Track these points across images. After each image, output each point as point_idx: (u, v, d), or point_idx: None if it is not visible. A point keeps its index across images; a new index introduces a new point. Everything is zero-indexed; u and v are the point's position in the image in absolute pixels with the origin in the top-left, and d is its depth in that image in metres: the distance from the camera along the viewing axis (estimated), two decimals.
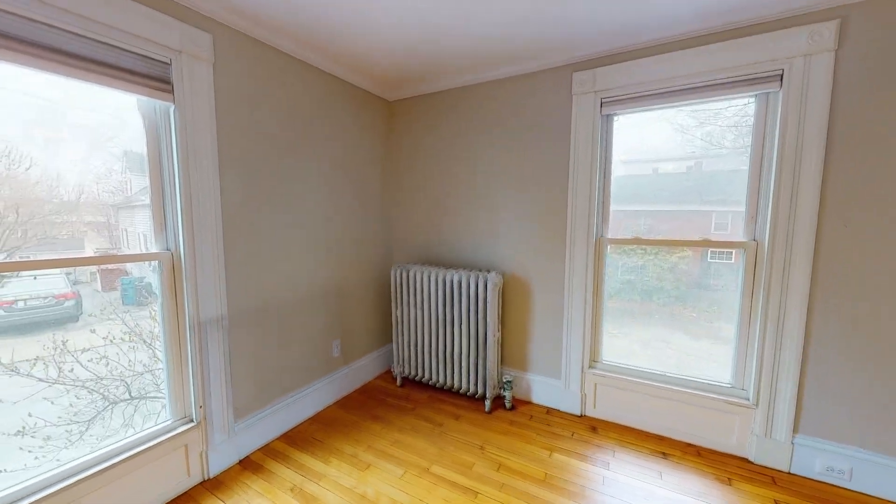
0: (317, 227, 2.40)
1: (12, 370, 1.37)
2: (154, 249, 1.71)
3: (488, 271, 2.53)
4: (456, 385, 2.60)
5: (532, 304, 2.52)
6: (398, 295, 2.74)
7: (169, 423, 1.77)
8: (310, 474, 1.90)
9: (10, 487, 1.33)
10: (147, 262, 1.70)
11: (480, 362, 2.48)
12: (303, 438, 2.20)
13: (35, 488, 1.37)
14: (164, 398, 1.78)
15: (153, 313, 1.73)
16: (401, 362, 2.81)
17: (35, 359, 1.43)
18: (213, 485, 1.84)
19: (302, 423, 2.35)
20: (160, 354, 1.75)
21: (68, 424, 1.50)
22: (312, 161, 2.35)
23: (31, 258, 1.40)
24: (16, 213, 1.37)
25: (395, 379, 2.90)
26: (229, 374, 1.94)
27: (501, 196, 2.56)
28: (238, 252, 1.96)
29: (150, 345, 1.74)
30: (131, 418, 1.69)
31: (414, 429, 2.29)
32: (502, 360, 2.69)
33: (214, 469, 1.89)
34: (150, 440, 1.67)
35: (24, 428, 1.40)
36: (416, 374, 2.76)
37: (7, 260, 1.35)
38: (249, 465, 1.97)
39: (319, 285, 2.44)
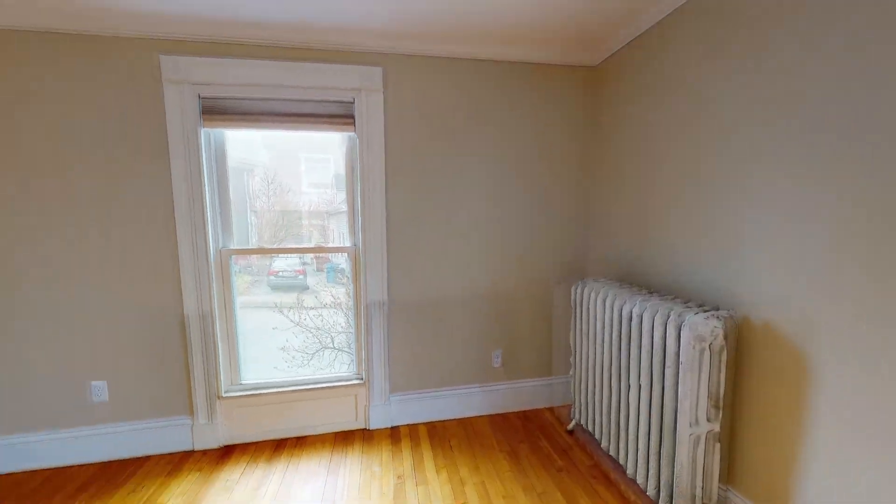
0: (480, 230, 2.28)
1: (279, 310, 2.30)
2: (347, 245, 2.26)
3: (706, 308, 1.40)
4: (629, 469, 1.68)
5: (813, 393, 1.17)
6: (575, 318, 2.11)
7: (351, 374, 2.32)
8: (419, 472, 1.91)
9: (271, 378, 2.26)
10: (342, 254, 2.30)
11: (665, 454, 1.46)
12: (440, 436, 2.21)
13: (281, 384, 2.24)
14: (353, 354, 2.34)
15: (348, 291, 2.31)
16: (576, 403, 2.15)
17: (290, 307, 2.31)
18: (367, 435, 2.24)
19: (448, 421, 2.36)
20: (351, 322, 2.32)
21: (302, 353, 2.33)
22: (479, 164, 2.23)
23: (284, 246, 2.27)
24: (282, 219, 2.27)
25: (569, 420, 2.25)
26: (387, 351, 2.27)
27: (758, 178, 1.33)
28: (400, 250, 2.21)
29: (345, 313, 2.34)
30: (334, 361, 2.37)
31: (540, 497, 1.71)
32: (727, 476, 1.44)
33: (372, 423, 2.29)
34: (338, 381, 2.27)
35: (284, 347, 2.32)
36: (588, 426, 2.02)
37: (277, 246, 2.27)
38: (395, 435, 2.23)
39: (482, 290, 2.32)
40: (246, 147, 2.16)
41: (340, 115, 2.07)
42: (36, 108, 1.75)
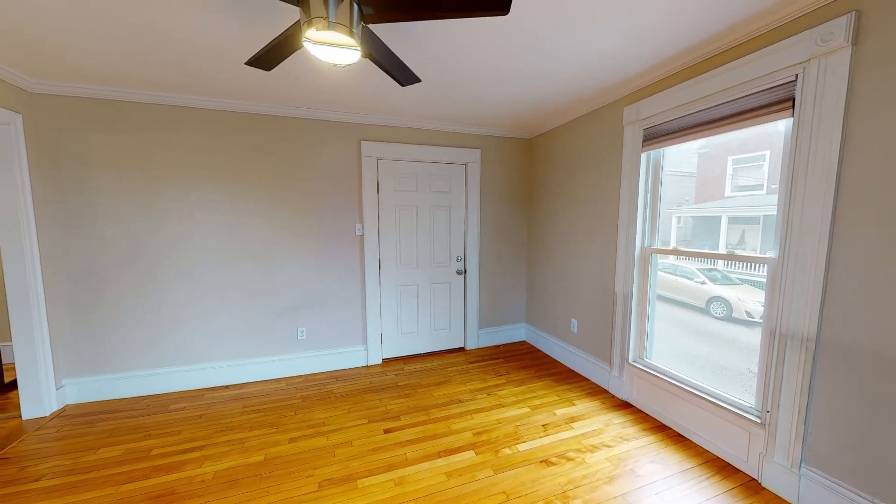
0: None
1: (694, 311, 2.44)
2: (767, 255, 1.92)
3: None
4: None
5: None
6: None
7: (748, 404, 1.98)
8: None
9: (669, 366, 2.36)
10: (759, 265, 1.98)
11: None
12: None
13: (674, 376, 2.28)
14: (753, 382, 1.89)
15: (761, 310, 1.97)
16: None
17: (699, 310, 2.38)
18: (755, 489, 1.78)
19: None
20: (757, 344, 1.85)
21: (698, 358, 2.30)
22: None
23: (699, 249, 2.34)
24: (701, 223, 2.36)
25: None
26: (805, 406, 1.64)
27: None
28: (854, 268, 1.48)
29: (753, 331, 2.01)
30: (731, 375, 2.13)
31: None
32: None
33: (766, 481, 1.78)
34: (729, 404, 1.96)
35: (686, 343, 2.44)
36: None
37: (692, 249, 2.39)
38: None
39: None
40: (680, 157, 2.40)
41: (772, 104, 1.77)
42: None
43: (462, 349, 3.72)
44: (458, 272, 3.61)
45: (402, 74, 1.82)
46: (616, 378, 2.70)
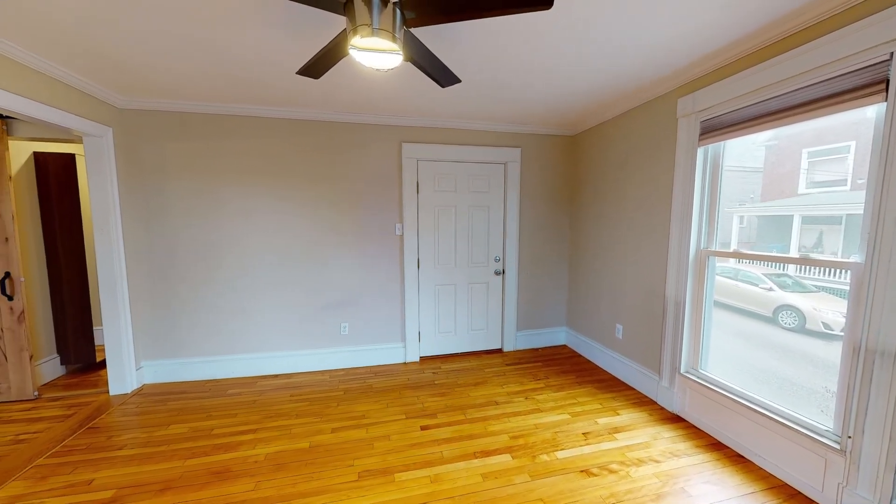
0: None
1: (761, 320, 2.23)
2: (851, 259, 1.69)
3: None
4: None
5: None
6: None
7: (824, 427, 1.73)
8: None
9: (727, 379, 2.15)
10: (842, 270, 1.75)
11: None
12: None
13: (733, 390, 2.09)
14: (831, 402, 1.67)
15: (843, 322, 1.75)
16: None
17: (766, 320, 2.17)
18: None
19: None
20: (837, 359, 1.64)
21: (764, 372, 2.08)
22: None
23: (766, 253, 2.12)
24: (769, 223, 2.15)
25: None
26: (892, 436, 1.44)
27: None
28: None
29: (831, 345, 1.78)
30: (801, 393, 1.90)
31: None
32: None
33: None
34: (801, 426, 1.75)
35: (749, 355, 2.23)
36: None
37: (758, 252, 2.16)
38: None
39: None
40: (743, 151, 2.19)
41: (860, 87, 1.56)
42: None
43: (499, 351, 3.67)
44: (497, 273, 3.56)
45: (443, 76, 1.83)
46: (665, 389, 2.52)
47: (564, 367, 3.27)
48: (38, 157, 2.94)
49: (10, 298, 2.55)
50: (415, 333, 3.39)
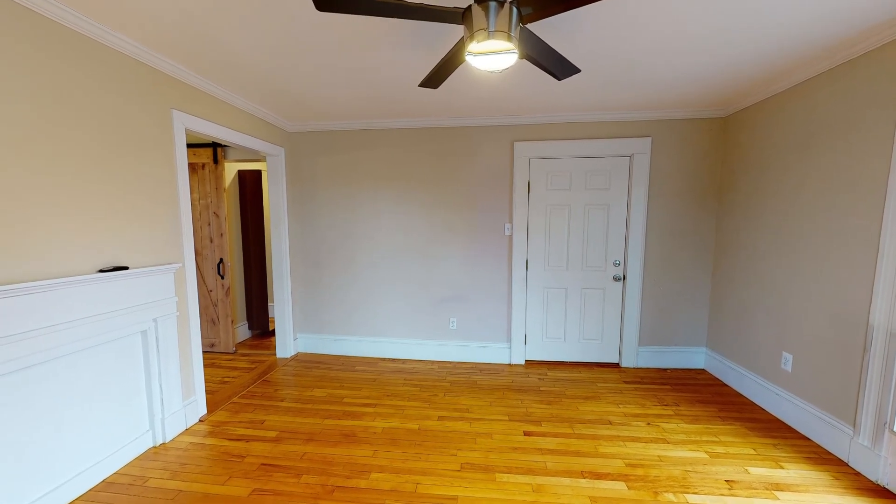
0: None
1: None
2: None
3: None
4: None
5: None
6: None
7: None
8: None
9: None
10: None
11: None
12: None
13: None
14: None
15: None
16: None
17: None
18: None
19: None
20: None
21: None
22: None
23: None
24: None
25: None
26: None
27: None
28: None
29: None
30: None
31: None
32: None
33: None
34: None
35: None
36: None
37: None
38: None
39: None
40: None
41: None
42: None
43: (615, 365, 3.30)
44: (616, 278, 3.21)
45: (559, 68, 1.73)
46: (864, 449, 1.86)
47: (702, 396, 2.73)
48: (241, 173, 3.94)
49: (223, 277, 3.49)
50: (521, 336, 3.32)
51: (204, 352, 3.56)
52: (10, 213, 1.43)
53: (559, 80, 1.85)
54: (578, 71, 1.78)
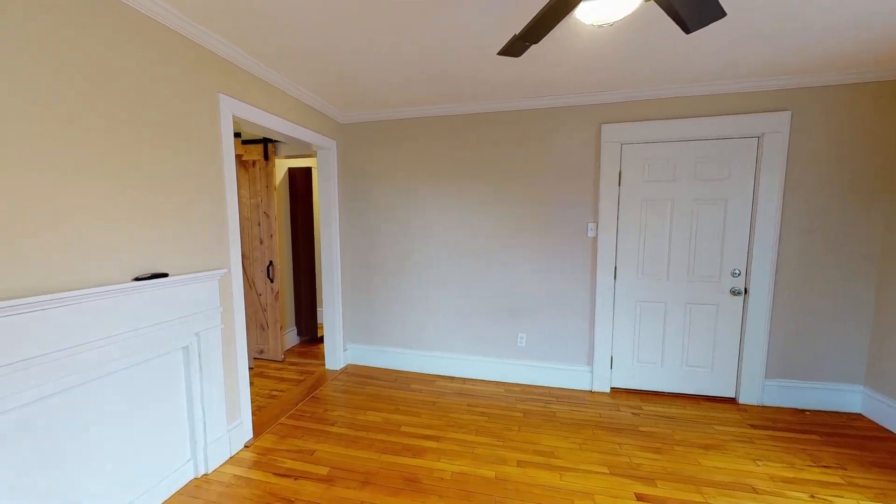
0: None
1: None
2: None
3: None
4: None
5: None
6: None
7: None
8: None
9: None
10: None
11: None
12: None
13: None
14: None
15: None
16: None
17: None
18: None
19: None
20: None
21: None
22: None
23: None
24: None
25: None
26: None
27: None
28: None
29: None
30: None
31: None
32: None
33: None
34: None
35: None
36: None
37: None
38: None
39: None
40: None
41: None
42: None
43: (731, 401, 2.62)
44: (734, 292, 2.53)
45: (697, 12, 1.20)
46: None
47: (875, 456, 2.02)
48: (291, 171, 3.73)
49: (272, 281, 3.27)
50: (605, 358, 2.75)
51: (253, 358, 3.36)
52: (30, 212, 1.16)
53: (688, 31, 1.31)
54: (723, 14, 1.23)
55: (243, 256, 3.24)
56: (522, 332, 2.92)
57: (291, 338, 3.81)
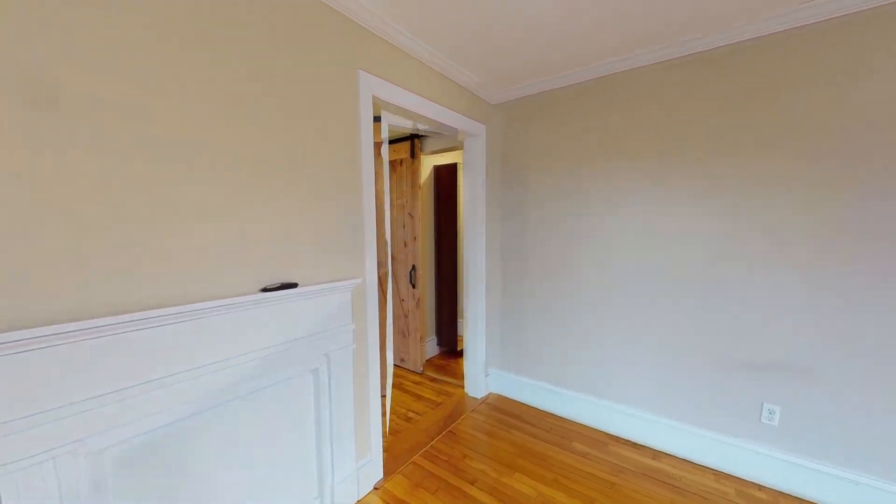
0: None
1: None
2: None
3: None
4: None
5: None
6: None
7: None
8: None
9: None
10: None
11: None
12: None
13: None
14: None
15: None
16: None
17: None
18: None
19: None
20: None
21: None
22: None
23: None
24: None
25: None
26: None
27: None
28: None
29: None
30: None
31: None
32: None
33: None
34: None
35: None
36: None
37: None
38: None
39: None
40: None
41: None
42: None
43: None
44: None
45: None
46: None
47: None
48: (436, 169, 3.44)
49: (414, 287, 3.00)
50: None
51: (395, 366, 3.19)
52: (166, 212, 0.98)
53: None
54: None
55: (392, 258, 3.08)
56: (775, 402, 1.75)
57: (431, 347, 3.53)
